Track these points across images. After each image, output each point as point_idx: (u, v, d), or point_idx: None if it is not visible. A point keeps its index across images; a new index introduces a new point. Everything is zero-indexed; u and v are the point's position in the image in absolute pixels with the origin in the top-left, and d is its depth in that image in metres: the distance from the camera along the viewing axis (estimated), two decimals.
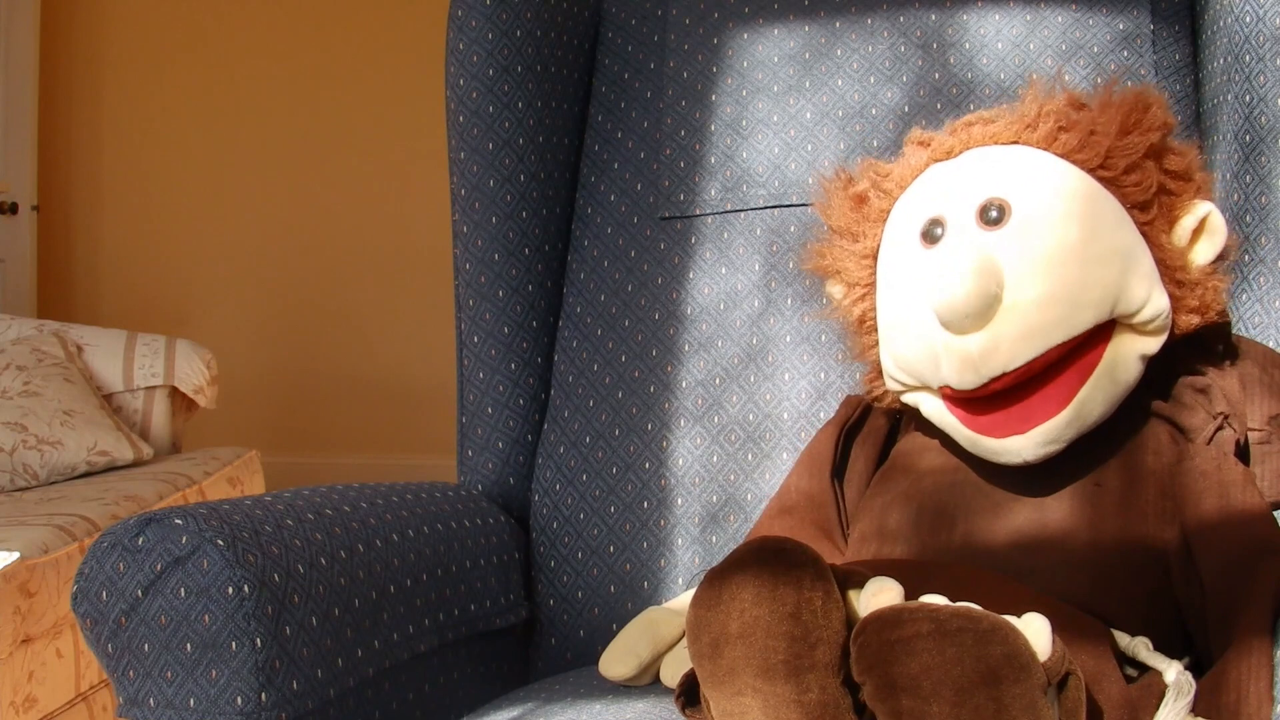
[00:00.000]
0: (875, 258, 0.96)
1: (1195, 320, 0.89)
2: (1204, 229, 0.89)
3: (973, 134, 0.93)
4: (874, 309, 0.96)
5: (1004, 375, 0.84)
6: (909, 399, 0.94)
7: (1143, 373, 0.88)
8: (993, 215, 0.86)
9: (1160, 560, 0.84)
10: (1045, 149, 0.89)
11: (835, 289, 1.01)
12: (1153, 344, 0.87)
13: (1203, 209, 0.89)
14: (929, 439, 0.96)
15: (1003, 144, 0.91)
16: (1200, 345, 0.92)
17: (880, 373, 0.97)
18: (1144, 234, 0.87)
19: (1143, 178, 0.87)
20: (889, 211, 0.96)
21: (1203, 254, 0.89)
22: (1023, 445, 0.85)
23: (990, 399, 0.86)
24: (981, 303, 0.82)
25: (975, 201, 0.88)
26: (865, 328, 0.98)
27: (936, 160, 0.94)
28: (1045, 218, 0.85)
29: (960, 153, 0.93)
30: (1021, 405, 0.85)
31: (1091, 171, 0.88)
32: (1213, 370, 0.91)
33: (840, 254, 0.99)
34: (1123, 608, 0.83)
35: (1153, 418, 0.90)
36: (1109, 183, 0.88)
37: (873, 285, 0.96)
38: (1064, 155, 0.88)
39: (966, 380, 0.85)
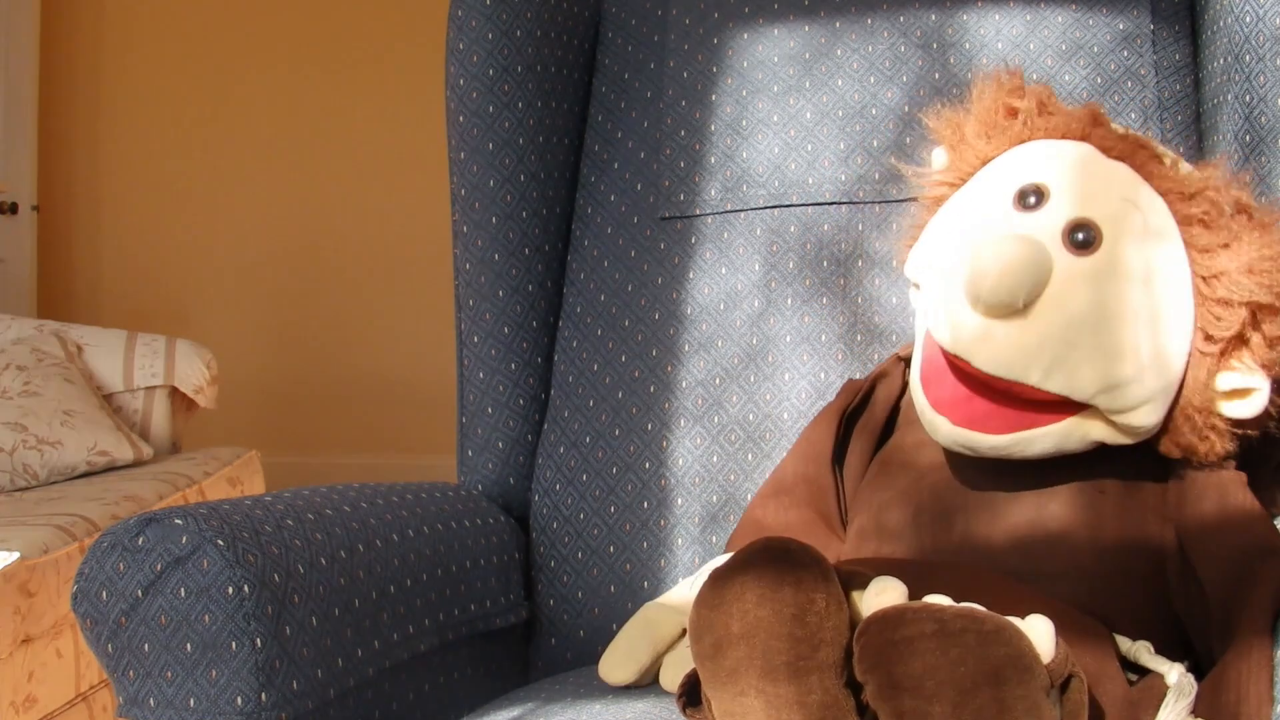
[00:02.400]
0: (985, 164, 0.93)
1: (1176, 453, 0.86)
2: (1244, 396, 0.83)
3: (1137, 156, 0.87)
4: (945, 200, 0.94)
5: (968, 364, 0.82)
6: (916, 301, 0.93)
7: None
8: (1079, 238, 0.83)
9: (1160, 564, 0.84)
10: (1179, 225, 0.84)
11: (940, 156, 0.97)
12: (1116, 439, 0.84)
13: (1257, 383, 0.83)
14: (928, 434, 0.96)
15: (1152, 187, 0.86)
16: None
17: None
18: (1190, 358, 0.83)
19: (1227, 317, 0.82)
20: (1025, 143, 0.91)
21: (1229, 408, 0.84)
22: (947, 433, 0.86)
23: (953, 367, 0.86)
24: (1007, 299, 0.79)
25: (1079, 213, 0.83)
26: (932, 209, 0.96)
27: (1093, 144, 0.89)
28: (1122, 276, 0.81)
29: (1116, 158, 0.88)
30: (975, 401, 0.84)
31: (1195, 275, 0.83)
32: None
33: (971, 134, 0.94)
34: (1124, 611, 0.82)
35: None
36: (1199, 296, 0.83)
37: (964, 182, 0.93)
38: (1187, 243, 0.84)
39: (945, 339, 0.84)
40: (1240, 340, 0.83)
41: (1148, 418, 0.83)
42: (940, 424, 0.86)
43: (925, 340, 0.90)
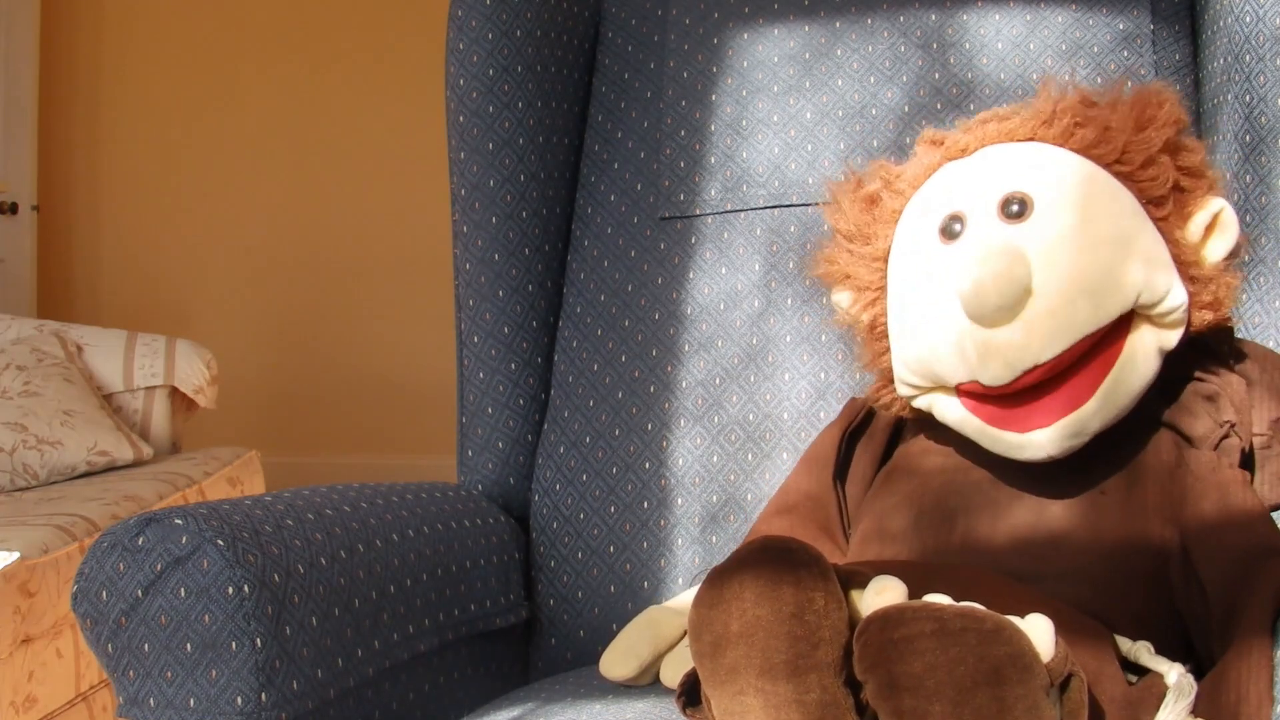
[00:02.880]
0: (886, 260, 0.95)
1: (1209, 316, 0.88)
2: (1216, 225, 0.89)
3: (987, 131, 0.92)
4: (884, 314, 0.95)
5: (1036, 368, 0.83)
6: (922, 403, 0.92)
7: (1159, 369, 0.87)
8: (1014, 209, 0.86)
9: (1162, 564, 0.84)
10: (1062, 145, 0.89)
11: (843, 296, 1.00)
12: (1171, 337, 0.87)
13: (1215, 204, 0.89)
14: (933, 442, 0.96)
15: (1018, 140, 0.91)
16: (1205, 349, 0.91)
17: (889, 380, 0.96)
18: (1159, 229, 0.87)
19: (1158, 172, 0.87)
20: (901, 212, 0.95)
21: (1215, 250, 0.89)
22: (1047, 439, 0.84)
23: (1016, 395, 0.85)
24: (1011, 291, 0.81)
25: (995, 196, 0.87)
26: (876, 333, 0.97)
27: (951, 158, 0.93)
28: (1068, 210, 0.85)
29: (975, 150, 0.92)
30: (1047, 399, 0.84)
31: (1108, 166, 0.88)
32: (1219, 375, 0.90)
33: (850, 259, 0.98)
34: (1124, 611, 0.82)
35: (1158, 424, 0.90)
36: (1125, 177, 0.88)
37: (884, 289, 0.95)
38: (1080, 150, 0.88)
39: (999, 375, 0.84)
40: (1177, 189, 0.88)
41: (1178, 291, 0.86)
42: (1039, 439, 0.85)
43: (961, 418, 0.90)
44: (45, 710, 1.73)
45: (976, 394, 0.87)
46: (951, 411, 0.90)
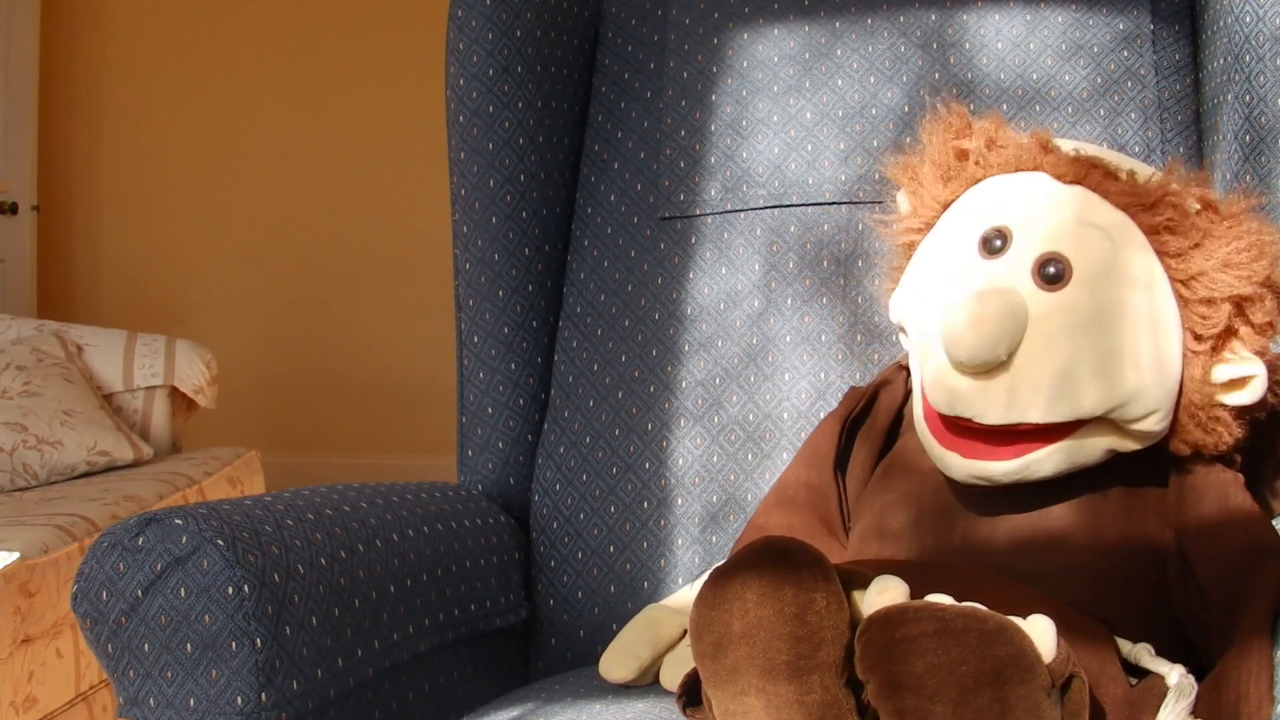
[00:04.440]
0: (945, 208, 0.94)
1: (1186, 451, 0.86)
2: (1244, 385, 0.84)
3: (1092, 176, 0.87)
4: (915, 248, 0.95)
5: (972, 422, 0.83)
6: (907, 344, 0.94)
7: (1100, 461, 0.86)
8: (1050, 272, 0.83)
9: (1160, 565, 0.84)
10: (1145, 234, 0.85)
11: (903, 199, 0.98)
12: (1127, 446, 0.85)
13: (1250, 369, 0.83)
14: None
15: (1111, 204, 0.86)
16: None
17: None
18: (1184, 357, 0.84)
19: (1212, 315, 0.83)
20: (979, 182, 0.92)
21: (1230, 400, 0.84)
22: (957, 465, 0.86)
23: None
24: (986, 359, 0.81)
25: (1044, 247, 0.84)
26: (905, 252, 0.97)
27: (1046, 171, 0.89)
28: (1099, 302, 0.82)
29: (1071, 182, 0.88)
30: (980, 435, 0.85)
31: (1173, 280, 0.84)
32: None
33: (920, 186, 0.96)
34: (1124, 612, 0.82)
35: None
36: (1182, 300, 0.84)
37: (930, 227, 0.94)
38: (1159, 252, 0.84)
39: (941, 400, 0.85)
40: (1229, 333, 0.83)
41: (1158, 424, 0.83)
42: (951, 460, 0.86)
43: (919, 414, 0.91)
44: (45, 710, 1.73)
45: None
46: (918, 405, 0.91)
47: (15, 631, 1.63)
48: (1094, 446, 0.84)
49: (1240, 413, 0.85)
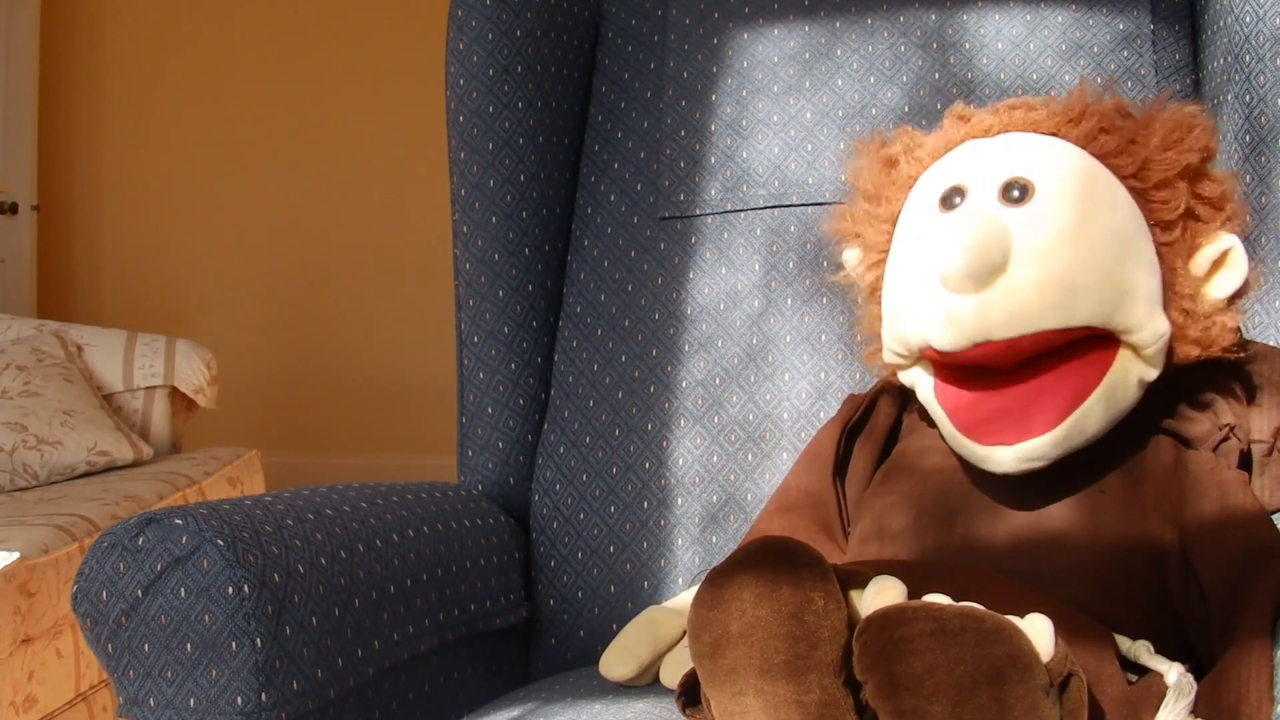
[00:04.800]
0: (895, 224, 0.95)
1: (1195, 352, 0.87)
2: (1224, 262, 0.87)
3: (1014, 117, 0.92)
4: (880, 283, 0.95)
5: (990, 343, 0.83)
6: (906, 378, 0.93)
7: (1141, 397, 0.86)
8: (1014, 194, 0.85)
9: (1161, 564, 0.84)
10: (1082, 146, 0.88)
11: (851, 254, 1.00)
12: (1151, 371, 0.86)
13: (1226, 241, 0.87)
14: (932, 440, 0.96)
15: (1042, 133, 0.90)
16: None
17: (881, 345, 0.96)
18: (1161, 254, 0.86)
19: (1172, 196, 0.86)
20: (916, 179, 0.95)
21: (1218, 287, 0.87)
22: (1005, 457, 0.84)
23: (978, 380, 0.86)
24: (983, 262, 0.81)
25: (1000, 177, 0.87)
26: (875, 296, 0.97)
27: (973, 136, 0.93)
28: (1067, 206, 0.84)
29: (998, 133, 0.92)
30: (1014, 414, 0.84)
31: (1123, 179, 0.87)
32: (1220, 381, 0.90)
33: (862, 217, 0.98)
34: (1124, 612, 0.82)
35: (1156, 428, 0.89)
36: (1138, 194, 0.87)
37: (887, 253, 0.95)
38: (1099, 156, 0.88)
39: (952, 341, 0.84)
40: (1190, 216, 0.86)
41: (1158, 324, 0.84)
42: (1000, 455, 0.85)
43: (931, 390, 0.90)
44: (45, 710, 1.73)
45: (942, 370, 0.88)
46: (926, 392, 0.91)
47: (15, 631, 1.63)
48: (1123, 380, 0.85)
49: (1230, 303, 0.87)
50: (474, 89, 1.19)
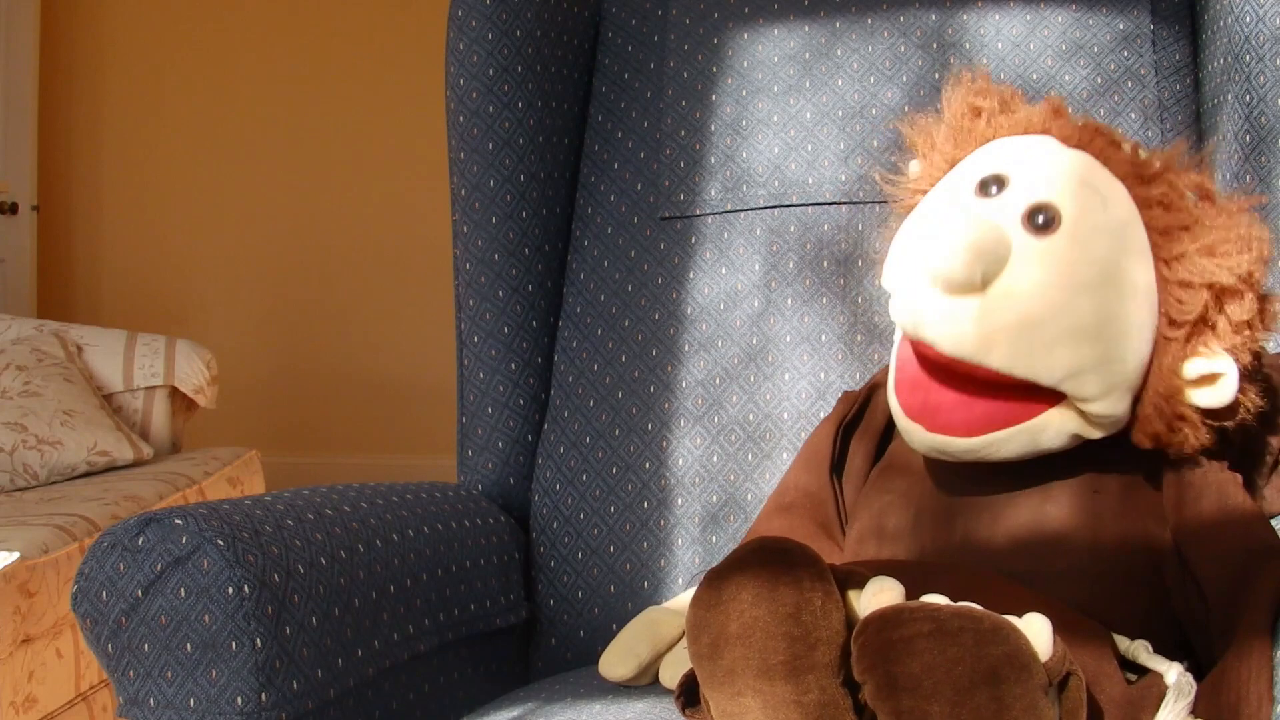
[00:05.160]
0: (952, 167, 0.94)
1: (1146, 444, 0.85)
2: (1212, 382, 0.82)
3: (1095, 142, 0.87)
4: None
5: (932, 349, 0.82)
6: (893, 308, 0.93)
7: (1071, 445, 0.85)
8: (1039, 221, 0.82)
9: (1158, 564, 0.84)
10: (1139, 207, 0.85)
11: (915, 165, 0.98)
12: (1091, 432, 0.84)
13: (1220, 365, 0.82)
14: None
15: (1110, 170, 0.86)
16: None
17: None
18: (1156, 344, 0.83)
19: (1188, 300, 0.82)
20: (989, 141, 0.92)
21: (1198, 398, 0.83)
22: (920, 438, 0.86)
23: (931, 374, 0.86)
24: (961, 278, 0.79)
25: (1038, 197, 0.84)
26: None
27: (1054, 134, 0.89)
28: (1080, 261, 0.81)
29: (1075, 146, 0.88)
30: (944, 407, 0.85)
31: (1157, 258, 0.83)
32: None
33: (940, 140, 0.96)
34: (1122, 611, 0.82)
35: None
36: (1161, 280, 0.83)
37: (933, 186, 0.94)
38: (1147, 225, 0.84)
39: (905, 320, 0.84)
40: (1204, 324, 0.82)
41: (1115, 405, 0.82)
42: (914, 430, 0.87)
43: (899, 346, 0.91)
44: (45, 710, 1.73)
45: (908, 350, 0.88)
46: (896, 336, 0.91)
47: (15, 631, 1.63)
48: (1057, 431, 0.84)
49: (1207, 415, 0.83)
50: (474, 89, 1.19)
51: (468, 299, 1.23)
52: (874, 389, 1.04)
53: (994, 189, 0.86)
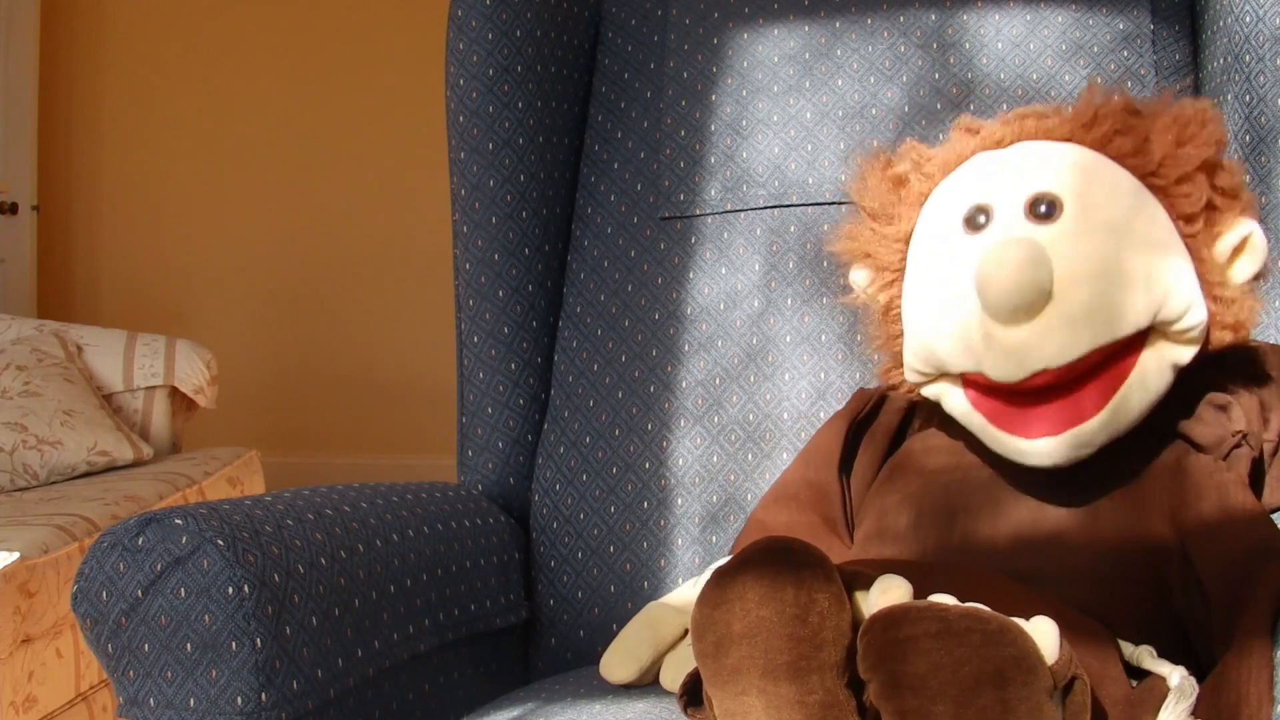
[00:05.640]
0: (908, 242, 0.94)
1: (1228, 337, 0.87)
2: (1245, 247, 0.88)
3: (1025, 126, 0.91)
4: (900, 296, 0.94)
5: (1046, 371, 0.82)
6: (930, 391, 0.92)
7: (1171, 383, 0.87)
8: (1042, 210, 0.85)
9: (1161, 565, 0.84)
10: (1098, 150, 0.88)
11: (860, 275, 0.99)
12: (1186, 354, 0.86)
13: (1245, 227, 0.87)
14: (939, 440, 0.95)
15: (1056, 139, 0.90)
16: (1220, 358, 0.90)
17: (898, 363, 0.95)
18: (1187, 245, 0.86)
19: (1193, 190, 0.86)
20: (928, 195, 0.94)
21: (1241, 271, 0.88)
22: (1054, 448, 0.84)
23: (1023, 395, 0.85)
24: (1032, 293, 0.80)
25: (1025, 194, 0.86)
26: (890, 315, 0.96)
27: (985, 149, 0.92)
28: (1096, 218, 0.84)
29: (1011, 143, 0.91)
30: (1055, 406, 0.84)
31: (1143, 178, 0.87)
32: (1234, 384, 0.90)
33: (872, 237, 0.97)
34: (1125, 613, 0.82)
35: (1168, 432, 0.89)
36: (1159, 191, 0.87)
37: (902, 271, 0.94)
38: (1117, 158, 0.87)
39: (1009, 373, 0.83)
40: (1210, 207, 0.87)
41: (1199, 316, 0.85)
42: (1043, 448, 0.85)
43: (966, 411, 0.89)
44: (45, 710, 1.73)
45: (981, 386, 0.87)
46: (957, 403, 0.90)
47: (15, 631, 1.63)
48: (1157, 367, 0.85)
49: (1252, 288, 0.88)
50: (474, 89, 1.19)
51: (468, 299, 1.22)
52: (889, 390, 1.03)
53: (981, 218, 0.88)
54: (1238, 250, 0.88)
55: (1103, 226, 0.84)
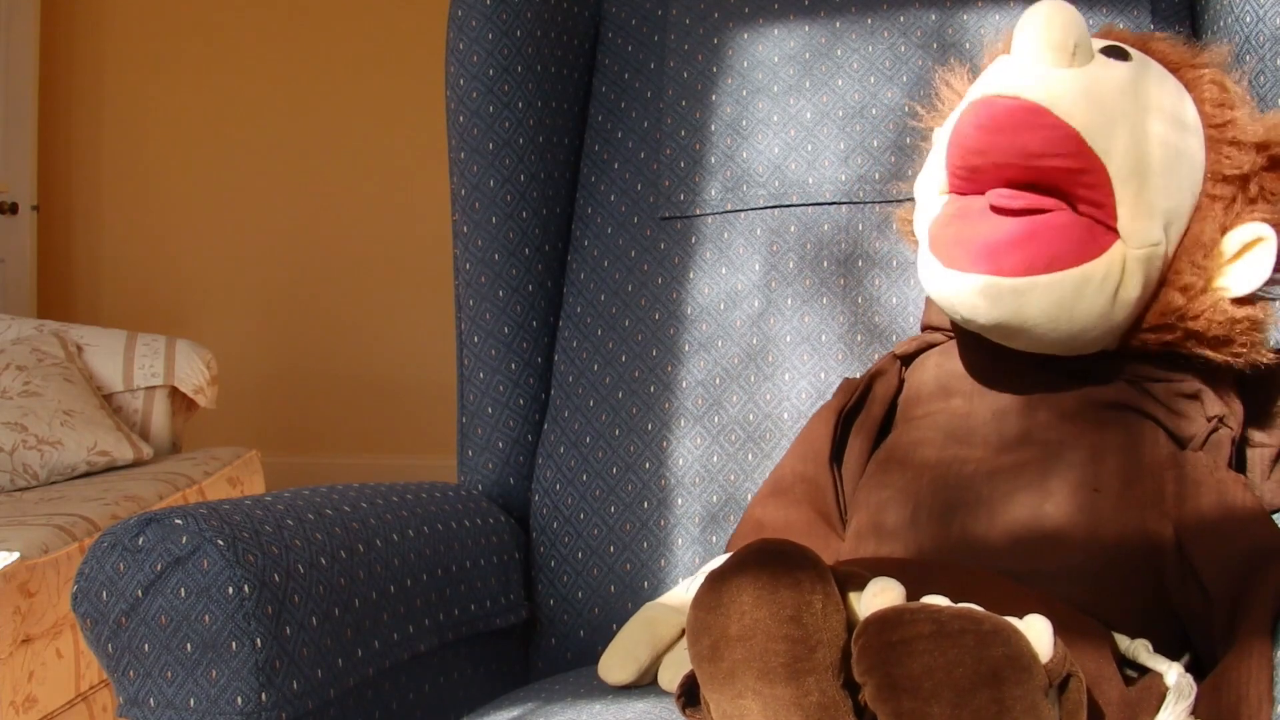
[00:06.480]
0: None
1: (1150, 339, 0.87)
2: (1250, 249, 0.85)
3: (1140, 41, 0.92)
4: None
5: (1049, 111, 0.81)
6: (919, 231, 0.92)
7: (1108, 316, 0.84)
8: (1113, 49, 0.86)
9: (1158, 562, 0.84)
10: (1187, 86, 0.89)
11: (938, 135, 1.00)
12: (1130, 287, 0.84)
13: (1260, 230, 0.85)
14: (927, 433, 0.95)
15: (1158, 59, 0.90)
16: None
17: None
18: (1199, 205, 0.86)
19: (1241, 156, 0.86)
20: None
21: (1233, 276, 0.85)
22: (959, 285, 0.84)
23: (977, 219, 0.84)
24: (1077, 31, 0.81)
25: (1105, 44, 0.87)
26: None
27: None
28: (1148, 100, 0.84)
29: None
30: (991, 245, 0.83)
31: (1207, 125, 0.87)
32: (1203, 370, 0.89)
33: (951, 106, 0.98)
34: (1122, 610, 0.82)
35: (1150, 424, 0.89)
36: (1211, 142, 0.87)
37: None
38: (1197, 98, 0.88)
39: (1011, 85, 0.82)
40: (1246, 193, 0.85)
41: (1153, 233, 0.83)
42: (952, 278, 0.84)
43: (945, 204, 0.89)
44: (45, 710, 1.73)
45: (958, 187, 0.87)
46: (926, 251, 0.89)
47: (15, 631, 1.63)
48: (1107, 276, 0.83)
49: (1239, 304, 0.86)
50: (474, 89, 1.19)
51: (468, 299, 1.23)
52: (874, 378, 1.03)
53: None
54: (1239, 253, 0.86)
55: (1145, 103, 0.84)
